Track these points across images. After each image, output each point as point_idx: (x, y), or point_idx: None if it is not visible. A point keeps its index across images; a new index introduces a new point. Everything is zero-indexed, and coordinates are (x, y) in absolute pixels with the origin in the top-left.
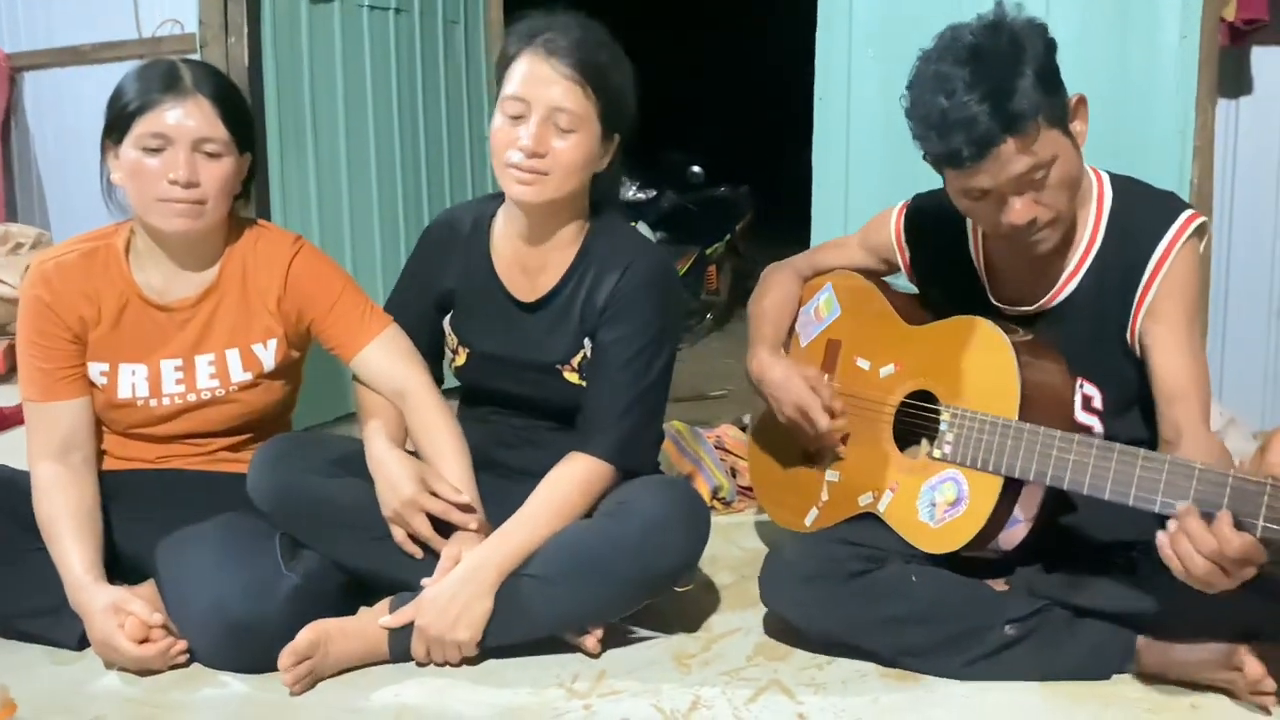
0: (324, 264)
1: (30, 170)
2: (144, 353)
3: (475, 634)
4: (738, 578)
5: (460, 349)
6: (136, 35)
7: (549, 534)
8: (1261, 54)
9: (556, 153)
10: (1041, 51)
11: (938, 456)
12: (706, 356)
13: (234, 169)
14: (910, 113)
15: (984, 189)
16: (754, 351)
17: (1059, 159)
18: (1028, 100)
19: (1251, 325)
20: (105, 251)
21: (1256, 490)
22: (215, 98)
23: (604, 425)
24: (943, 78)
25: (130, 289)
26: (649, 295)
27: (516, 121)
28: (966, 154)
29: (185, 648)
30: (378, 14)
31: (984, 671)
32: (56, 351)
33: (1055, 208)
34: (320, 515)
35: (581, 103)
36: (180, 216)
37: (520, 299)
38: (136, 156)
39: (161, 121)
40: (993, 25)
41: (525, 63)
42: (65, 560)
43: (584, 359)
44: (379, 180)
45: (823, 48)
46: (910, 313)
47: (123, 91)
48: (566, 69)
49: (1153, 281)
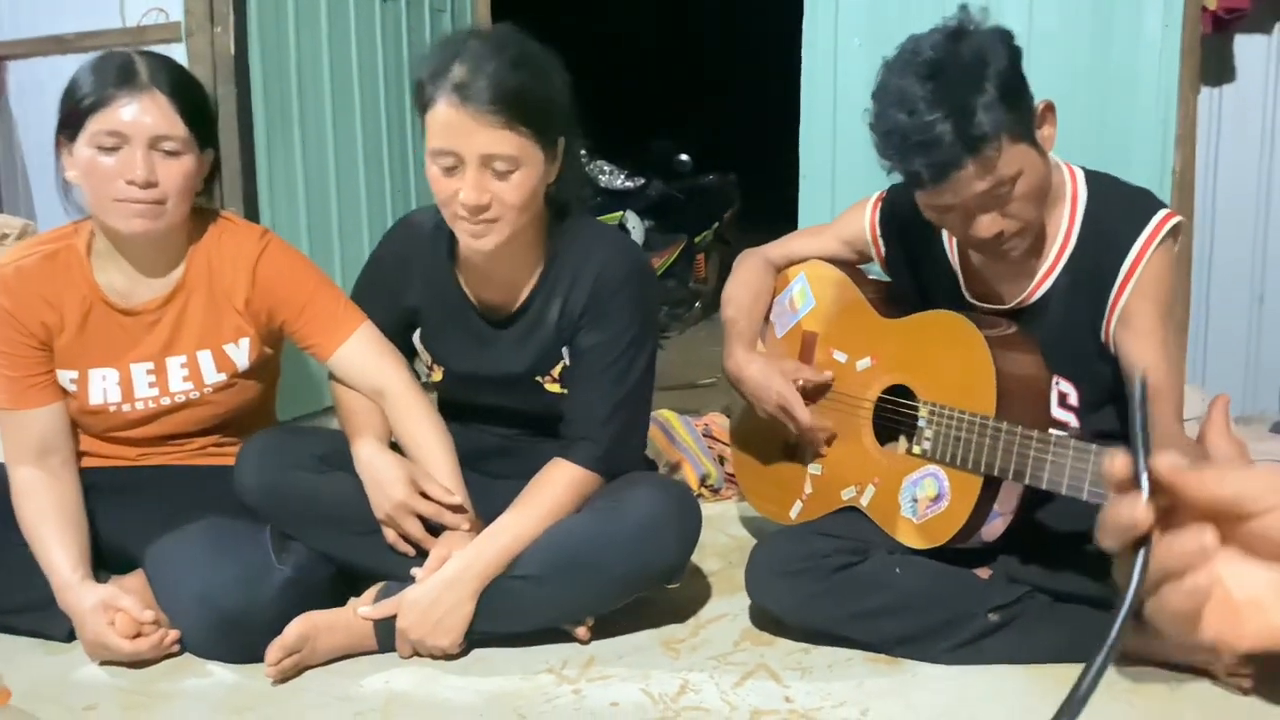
0: (293, 260)
1: (14, 160)
2: (112, 357)
3: (456, 639)
4: (725, 564)
5: (435, 367)
6: (121, 24)
7: (534, 537)
8: (1244, 42)
9: (500, 196)
10: (1005, 64)
11: (917, 453)
12: (695, 344)
13: (194, 167)
14: (873, 127)
15: (949, 205)
16: (730, 350)
17: (1024, 173)
18: (989, 120)
19: (1233, 312)
20: (66, 253)
21: None
22: (173, 93)
23: (588, 433)
24: (904, 94)
25: (93, 292)
26: (625, 297)
27: (451, 173)
28: (928, 176)
29: (178, 638)
30: (364, 2)
31: (968, 657)
32: (22, 359)
33: (1022, 219)
34: (307, 510)
35: (513, 143)
36: (139, 218)
37: (491, 315)
38: (91, 155)
39: (116, 119)
40: (954, 36)
41: (444, 111)
42: (51, 562)
43: (564, 368)
44: (366, 169)
45: (809, 37)
46: (885, 305)
47: (77, 86)
48: (489, 114)
49: (1127, 282)
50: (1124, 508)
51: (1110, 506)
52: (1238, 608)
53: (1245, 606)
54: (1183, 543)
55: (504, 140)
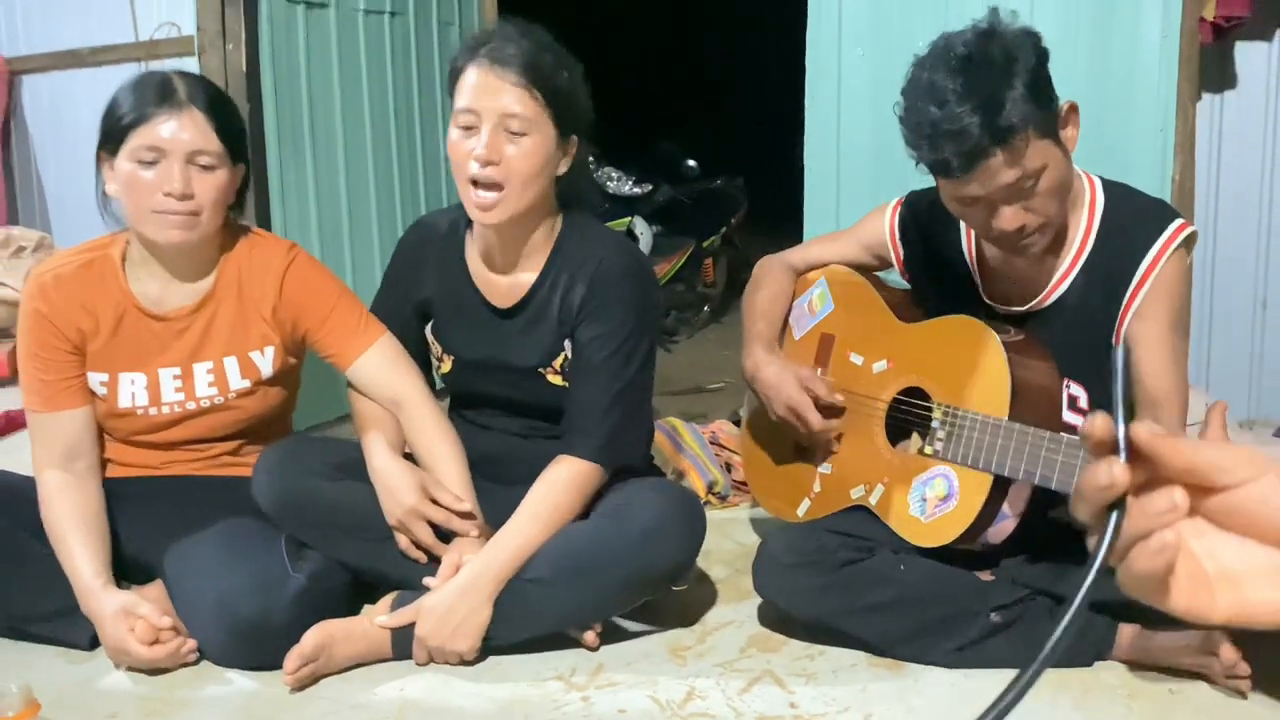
0: (319, 273)
1: (30, 173)
2: (142, 362)
3: (474, 643)
4: (732, 571)
5: (445, 357)
6: (134, 38)
7: (544, 538)
8: (1245, 48)
9: (510, 159)
10: (1033, 62)
11: (929, 453)
12: (703, 348)
13: (228, 180)
14: (904, 120)
15: (975, 196)
16: (749, 349)
17: (1048, 168)
18: (1017, 113)
19: (1238, 316)
20: (102, 262)
21: None
22: (209, 110)
23: (587, 426)
24: (935, 87)
25: (127, 299)
26: (623, 292)
27: (469, 133)
28: (956, 165)
29: (195, 647)
30: (373, 18)
31: (969, 658)
32: (56, 363)
33: (1044, 214)
34: (323, 518)
35: (530, 106)
36: (175, 228)
37: (497, 305)
38: (131, 169)
39: (156, 134)
40: (985, 34)
41: (472, 74)
42: (74, 566)
43: (565, 361)
44: (376, 182)
45: (812, 46)
46: (903, 309)
47: (117, 104)
48: (513, 75)
49: (1140, 288)
50: (1102, 468)
51: (1088, 469)
52: (1210, 581)
53: (1218, 580)
54: (1154, 502)
55: (524, 100)
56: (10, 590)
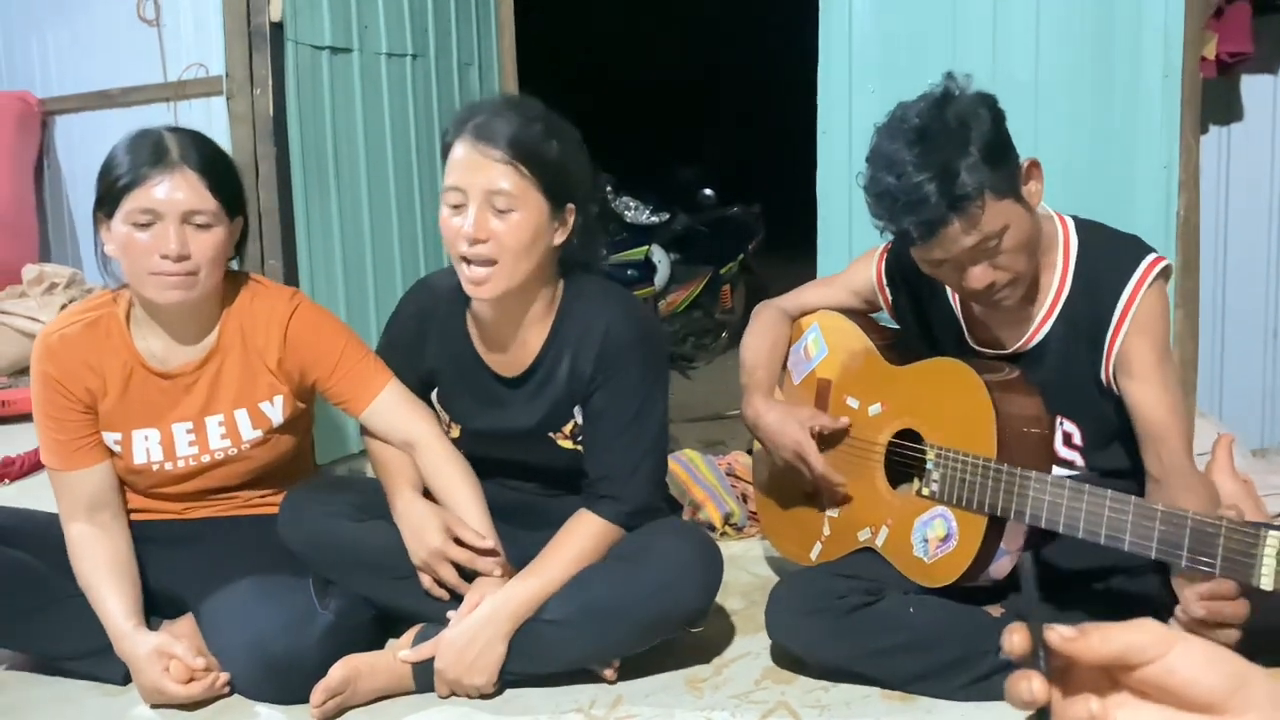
0: (323, 321)
1: (62, 211)
2: (154, 418)
3: (490, 678)
4: (747, 603)
5: (452, 425)
6: (163, 79)
7: (561, 583)
8: (1251, 82)
9: (498, 235)
10: (988, 127)
11: (926, 494)
12: (721, 375)
13: (225, 237)
14: (866, 189)
15: (940, 259)
16: (748, 399)
17: (1010, 227)
18: (972, 180)
19: (1247, 347)
20: (108, 320)
21: (1214, 530)
22: (202, 169)
23: (613, 491)
24: (892, 159)
25: (133, 358)
26: (633, 354)
27: (458, 211)
28: (916, 235)
29: (228, 680)
30: (395, 61)
31: (981, 693)
32: (70, 423)
33: (1012, 270)
34: (348, 557)
35: (517, 181)
36: (174, 289)
37: (503, 374)
38: (127, 231)
39: (150, 197)
40: (938, 103)
41: (459, 150)
42: (106, 611)
43: (575, 427)
44: (399, 221)
45: (824, 81)
46: (893, 353)
47: (112, 165)
48: (497, 151)
49: (1120, 327)
50: (1022, 685)
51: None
52: None
53: None
54: (1074, 711)
55: (506, 176)
56: (46, 630)
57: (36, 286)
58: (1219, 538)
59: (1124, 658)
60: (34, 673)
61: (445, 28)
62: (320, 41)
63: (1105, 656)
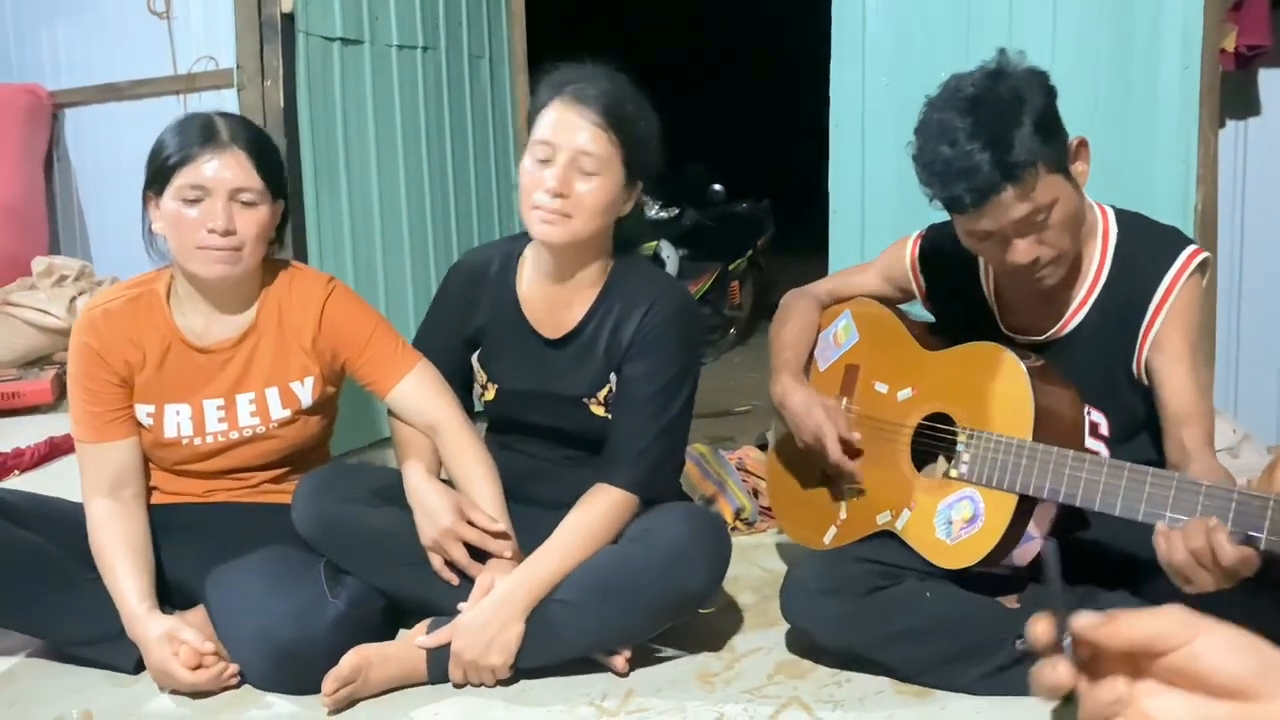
0: (357, 304)
1: (72, 203)
2: (187, 393)
3: (508, 658)
4: (759, 598)
5: (490, 385)
6: (172, 71)
7: (577, 562)
8: (1269, 76)
9: (580, 195)
10: (1041, 101)
11: (954, 476)
12: (729, 371)
13: (269, 216)
14: (916, 159)
15: (988, 231)
16: (777, 377)
17: (1059, 202)
18: (1026, 149)
19: (1265, 342)
20: (149, 297)
21: (1260, 505)
22: (250, 149)
23: (628, 459)
24: (945, 126)
25: (172, 333)
26: (673, 332)
27: (544, 165)
28: (968, 201)
29: (236, 671)
30: (406, 53)
31: (996, 686)
32: (105, 395)
33: (1057, 247)
34: (361, 544)
35: (605, 147)
36: (219, 263)
37: (546, 335)
38: (176, 207)
39: (200, 174)
40: (993, 75)
41: (554, 110)
42: (120, 591)
43: (609, 393)
44: (409, 213)
45: (837, 76)
46: (926, 339)
47: (163, 145)
48: (593, 115)
49: (1156, 317)
50: (1048, 671)
51: (1037, 671)
52: None
53: None
54: (1102, 694)
55: (600, 141)
56: (59, 615)
57: (46, 279)
58: (1266, 511)
59: (1150, 644)
60: (46, 663)
61: (456, 20)
62: (331, 33)
63: (1131, 643)
